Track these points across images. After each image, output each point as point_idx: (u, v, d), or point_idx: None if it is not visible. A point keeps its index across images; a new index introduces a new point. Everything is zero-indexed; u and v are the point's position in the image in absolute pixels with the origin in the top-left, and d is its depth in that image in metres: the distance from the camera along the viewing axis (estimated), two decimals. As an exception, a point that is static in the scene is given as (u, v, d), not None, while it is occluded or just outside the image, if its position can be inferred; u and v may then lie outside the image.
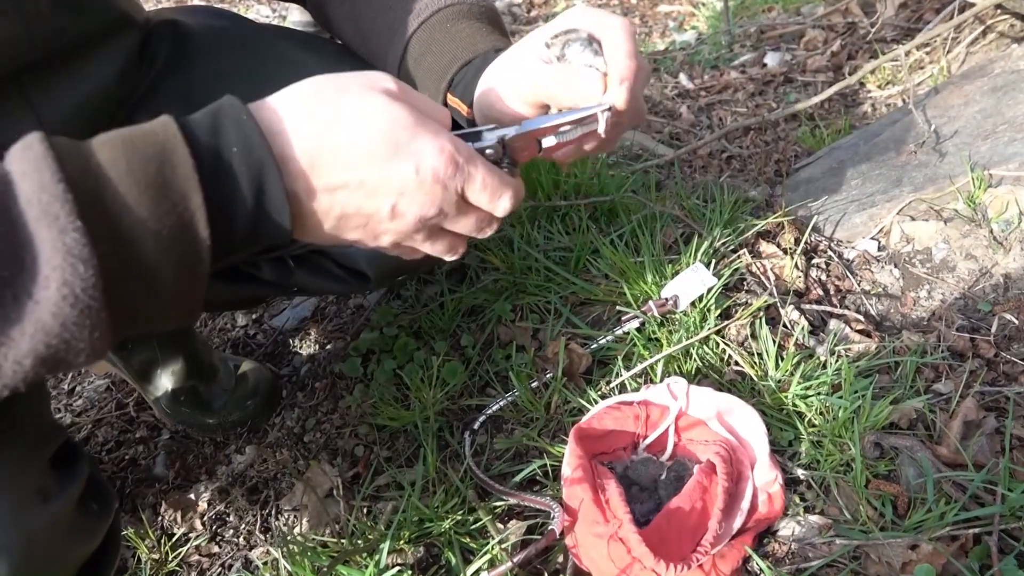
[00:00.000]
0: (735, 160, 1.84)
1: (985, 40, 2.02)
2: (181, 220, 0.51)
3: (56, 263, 0.46)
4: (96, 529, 0.68)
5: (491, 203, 0.64)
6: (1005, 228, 1.23)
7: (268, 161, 0.54)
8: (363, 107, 0.58)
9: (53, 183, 0.47)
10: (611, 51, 0.70)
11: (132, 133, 0.52)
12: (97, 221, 0.48)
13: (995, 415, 0.99)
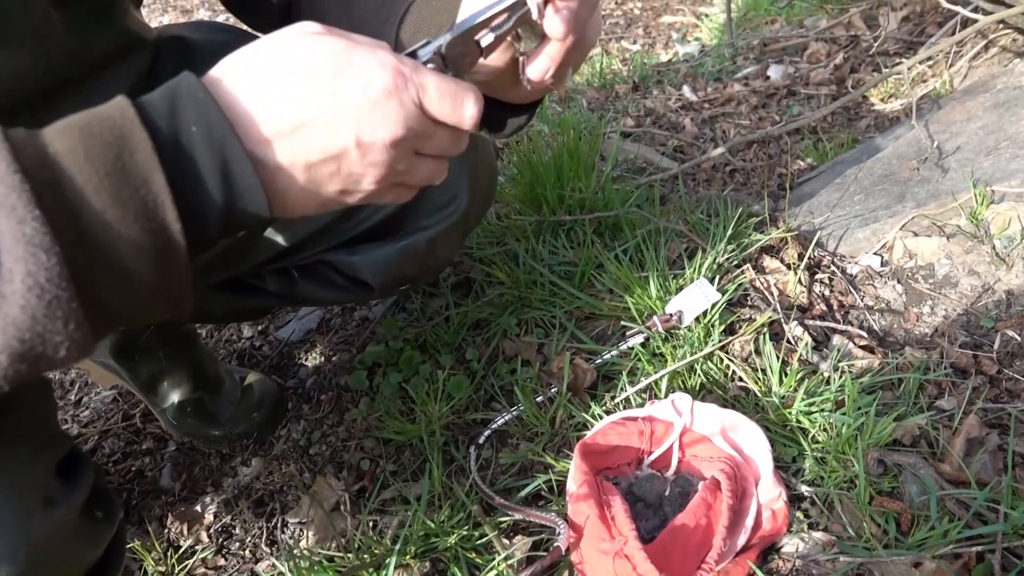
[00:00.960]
0: (738, 173, 1.85)
1: (987, 54, 2.03)
2: (145, 205, 0.50)
3: (18, 254, 0.46)
4: (100, 536, 0.69)
5: (454, 111, 0.60)
6: (1008, 244, 1.24)
7: (229, 136, 0.53)
8: (293, 47, 0.57)
9: (9, 174, 0.46)
10: None
11: (89, 120, 0.51)
12: (57, 211, 0.47)
13: (998, 432, 1.00)
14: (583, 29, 0.68)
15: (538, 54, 0.68)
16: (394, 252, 1.01)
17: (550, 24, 0.64)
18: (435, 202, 0.98)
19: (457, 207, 0.98)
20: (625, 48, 3.45)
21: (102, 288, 0.49)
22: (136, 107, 0.52)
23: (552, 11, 0.63)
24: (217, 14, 4.53)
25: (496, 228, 1.51)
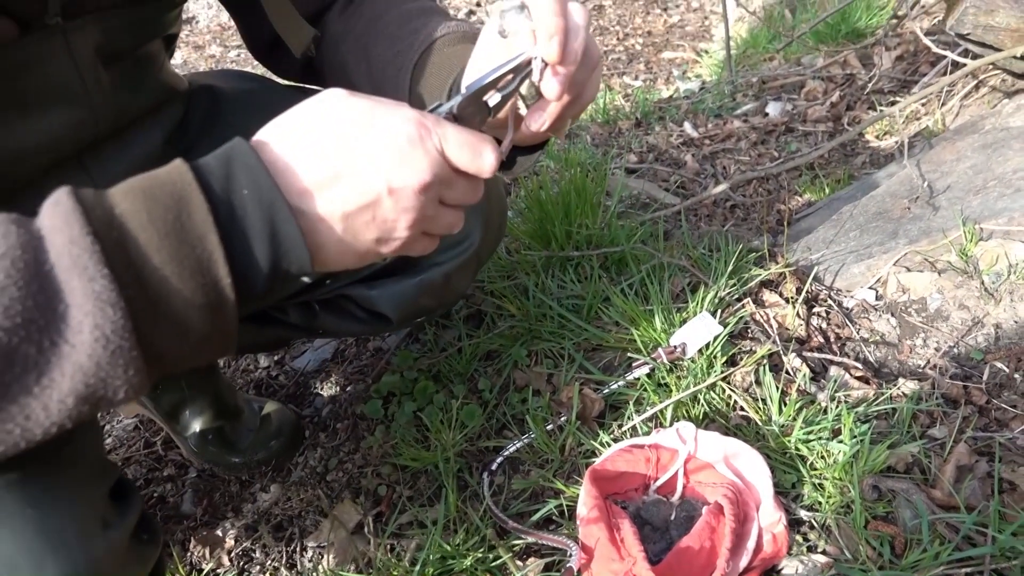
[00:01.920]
0: (739, 209, 1.91)
1: (978, 93, 2.11)
2: (200, 263, 0.55)
3: (87, 309, 0.50)
4: (148, 558, 0.73)
5: (473, 160, 0.64)
6: (996, 280, 1.30)
7: (278, 200, 0.58)
8: (326, 109, 0.62)
9: (81, 236, 0.51)
10: (537, 12, 0.71)
11: (151, 183, 0.56)
12: (122, 268, 0.52)
13: (987, 460, 1.05)
14: (580, 89, 0.75)
15: (536, 108, 0.74)
16: (411, 287, 1.07)
17: (547, 86, 0.70)
18: (450, 239, 1.04)
19: (471, 244, 1.04)
20: (627, 84, 3.54)
21: (159, 337, 0.54)
22: (193, 171, 0.56)
23: (550, 74, 0.70)
24: (228, 49, 4.63)
25: (506, 263, 1.57)
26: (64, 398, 0.51)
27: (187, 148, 1.06)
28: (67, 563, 0.59)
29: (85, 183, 0.91)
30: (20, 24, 0.72)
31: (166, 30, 0.98)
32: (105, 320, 0.51)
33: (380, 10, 1.00)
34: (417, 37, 0.94)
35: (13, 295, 0.49)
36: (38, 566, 0.58)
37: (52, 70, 0.79)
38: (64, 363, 0.51)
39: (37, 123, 0.81)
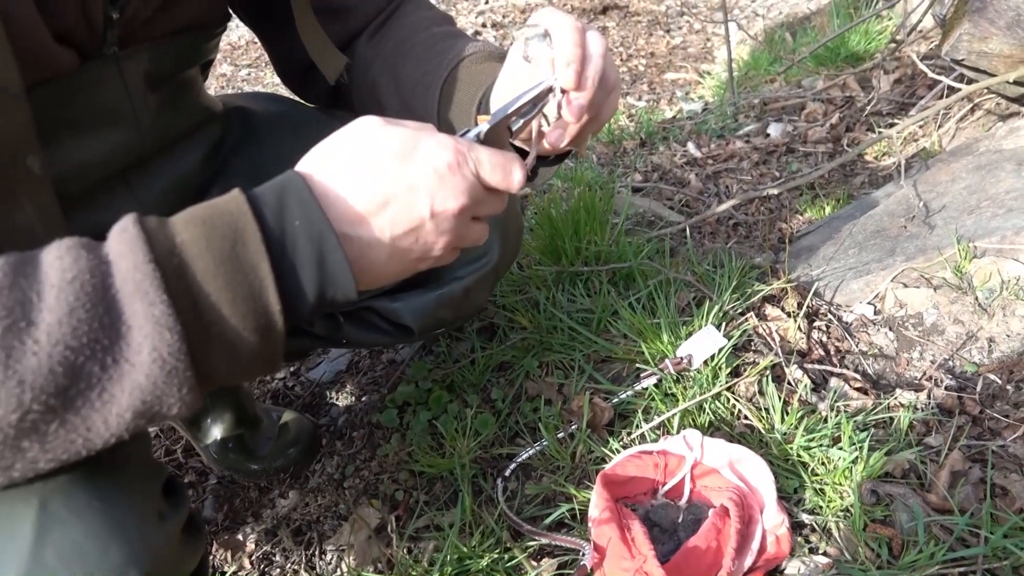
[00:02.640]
0: (742, 227, 1.97)
1: (974, 116, 2.17)
2: (251, 289, 0.58)
3: (147, 332, 0.54)
4: (197, 549, 0.77)
5: (504, 178, 0.70)
6: (989, 296, 1.36)
7: (327, 231, 0.62)
8: (367, 138, 0.67)
9: (144, 263, 0.55)
10: (558, 41, 0.78)
11: (211, 213, 0.60)
12: (181, 294, 0.56)
13: (979, 466, 1.10)
14: (597, 111, 0.81)
15: (557, 127, 0.80)
16: (432, 299, 1.12)
17: (565, 110, 0.77)
18: (469, 255, 1.09)
19: (489, 259, 1.10)
20: (631, 104, 3.61)
21: (211, 357, 0.58)
22: (250, 202, 0.61)
23: (568, 99, 0.76)
24: (239, 68, 4.71)
25: (518, 278, 1.63)
26: (123, 412, 0.56)
27: (221, 166, 1.12)
28: (129, 550, 0.63)
29: (129, 199, 0.97)
30: (80, 54, 0.78)
31: (205, 57, 1.04)
32: (163, 343, 0.55)
33: (407, 34, 1.06)
34: (445, 57, 0.99)
35: (81, 317, 0.53)
36: (104, 552, 0.61)
37: (106, 95, 0.85)
38: (124, 381, 0.55)
39: (90, 144, 0.87)
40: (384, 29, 1.08)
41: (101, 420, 0.55)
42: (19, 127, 0.69)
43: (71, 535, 0.61)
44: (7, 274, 0.54)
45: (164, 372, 0.55)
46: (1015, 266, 1.36)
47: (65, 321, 0.53)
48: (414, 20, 1.08)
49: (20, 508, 0.60)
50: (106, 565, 0.62)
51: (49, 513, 0.61)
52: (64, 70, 0.77)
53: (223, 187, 1.10)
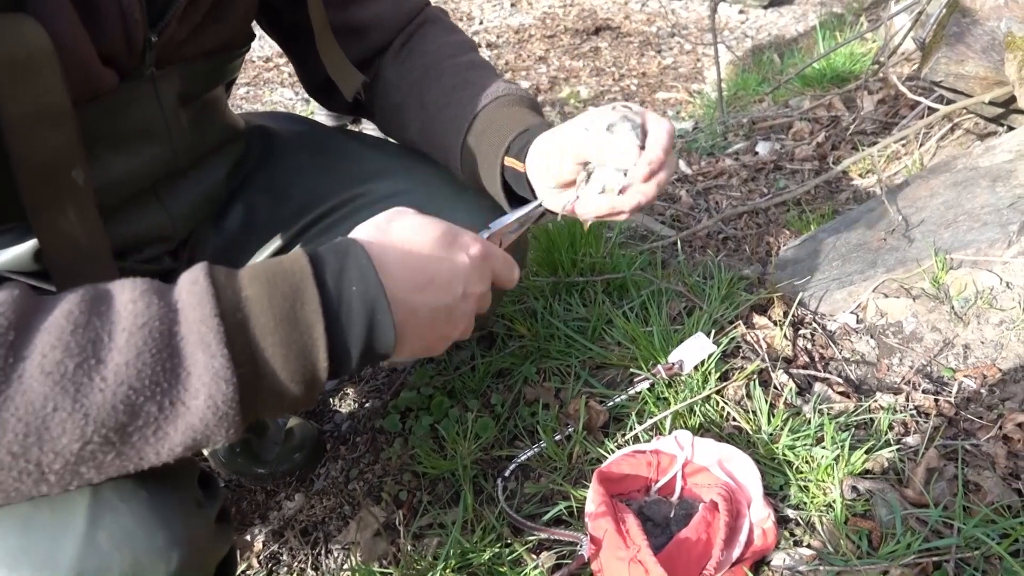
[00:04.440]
0: (730, 240, 2.04)
1: (953, 136, 2.26)
2: (304, 347, 0.63)
3: (205, 380, 0.58)
4: (228, 537, 0.81)
5: (508, 275, 0.84)
6: (964, 305, 1.43)
7: (380, 298, 0.68)
8: (419, 225, 0.76)
9: (210, 316, 0.60)
10: (651, 140, 0.89)
11: (275, 271, 0.65)
12: (240, 348, 0.60)
13: (954, 463, 1.16)
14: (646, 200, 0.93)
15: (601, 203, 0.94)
16: None
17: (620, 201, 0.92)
18: None
19: None
20: (623, 123, 3.68)
21: (258, 404, 0.63)
22: (312, 263, 0.66)
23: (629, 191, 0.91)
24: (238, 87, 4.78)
25: (516, 289, 1.69)
26: (173, 447, 0.60)
27: (243, 182, 1.18)
28: (172, 535, 0.67)
29: (159, 210, 1.03)
30: (120, 74, 0.85)
31: (231, 75, 1.10)
32: (218, 392, 0.59)
33: (434, 59, 1.12)
34: (475, 92, 1.07)
35: (146, 360, 0.57)
36: (151, 536, 0.66)
37: (142, 113, 0.91)
38: (179, 422, 0.59)
39: (127, 159, 0.93)
40: (408, 51, 1.14)
41: (153, 452, 0.60)
42: (66, 142, 0.75)
43: (121, 520, 0.66)
44: (83, 312, 0.58)
45: (216, 417, 0.60)
46: (989, 277, 1.43)
47: (132, 363, 0.57)
48: (441, 46, 1.14)
49: (74, 495, 0.65)
50: (153, 548, 0.66)
51: (101, 500, 0.65)
52: (106, 89, 0.83)
53: (244, 202, 1.17)
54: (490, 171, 1.03)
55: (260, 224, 1.15)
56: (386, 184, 1.14)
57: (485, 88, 1.06)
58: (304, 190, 1.16)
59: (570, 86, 4.36)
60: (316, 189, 1.16)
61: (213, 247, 1.14)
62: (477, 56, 1.15)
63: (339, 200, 1.13)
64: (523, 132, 1.00)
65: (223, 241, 1.15)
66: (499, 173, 1.02)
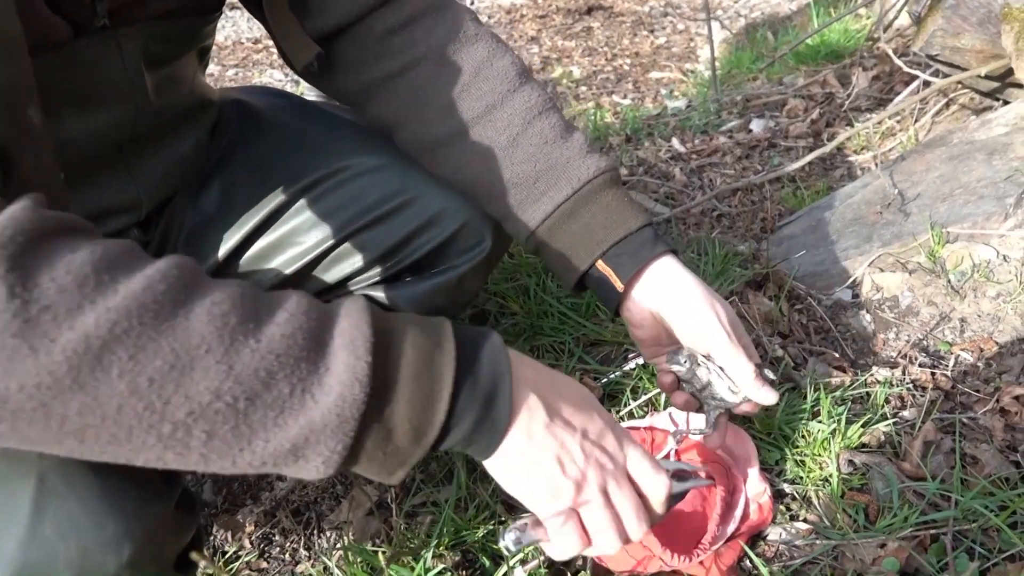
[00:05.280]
0: (725, 218, 2.02)
1: (949, 111, 2.24)
2: (430, 395, 0.62)
3: (343, 379, 0.57)
4: (189, 526, 0.77)
5: (651, 479, 0.74)
6: (961, 278, 1.42)
7: (505, 377, 0.65)
8: (567, 379, 0.74)
9: (364, 326, 0.59)
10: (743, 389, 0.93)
11: (423, 321, 0.65)
12: (380, 366, 0.59)
13: (951, 436, 1.16)
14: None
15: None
16: (428, 287, 1.16)
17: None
18: (464, 245, 1.13)
19: (483, 248, 1.13)
20: (616, 102, 3.66)
21: (369, 435, 0.60)
22: (454, 330, 0.66)
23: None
24: (226, 68, 4.73)
25: (509, 265, 1.67)
26: (280, 447, 0.57)
27: (225, 155, 1.16)
28: (124, 525, 0.65)
29: (124, 179, 1.00)
30: (74, 27, 0.81)
31: (201, 42, 1.07)
32: (350, 394, 0.57)
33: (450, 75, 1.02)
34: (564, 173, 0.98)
35: (298, 341, 0.57)
36: (99, 526, 0.63)
37: (105, 71, 0.88)
38: (301, 415, 0.57)
39: (88, 118, 0.89)
40: (412, 48, 1.04)
41: (261, 442, 0.57)
42: (19, 74, 0.69)
43: (68, 509, 0.63)
44: (251, 289, 0.60)
45: (336, 421, 0.58)
46: (985, 250, 1.42)
47: (285, 338, 0.57)
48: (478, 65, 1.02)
49: (19, 483, 0.63)
50: (102, 539, 0.64)
51: (47, 488, 0.63)
52: (58, 39, 0.79)
53: (222, 178, 1.14)
54: (571, 266, 0.98)
55: (238, 200, 1.12)
56: (369, 158, 1.11)
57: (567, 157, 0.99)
58: (284, 165, 1.13)
59: (562, 66, 4.32)
60: (296, 164, 1.13)
61: (190, 224, 1.12)
62: (506, 59, 1.03)
63: (320, 174, 1.11)
64: (623, 239, 0.96)
65: (200, 218, 1.12)
66: (583, 271, 0.98)
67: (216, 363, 0.54)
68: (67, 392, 0.52)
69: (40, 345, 0.50)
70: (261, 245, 1.13)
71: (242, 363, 0.55)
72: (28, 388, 0.51)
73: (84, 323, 0.51)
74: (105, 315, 0.52)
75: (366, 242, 1.11)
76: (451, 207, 1.09)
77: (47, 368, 0.51)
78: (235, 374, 0.55)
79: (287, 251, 1.13)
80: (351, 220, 1.10)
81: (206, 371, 0.54)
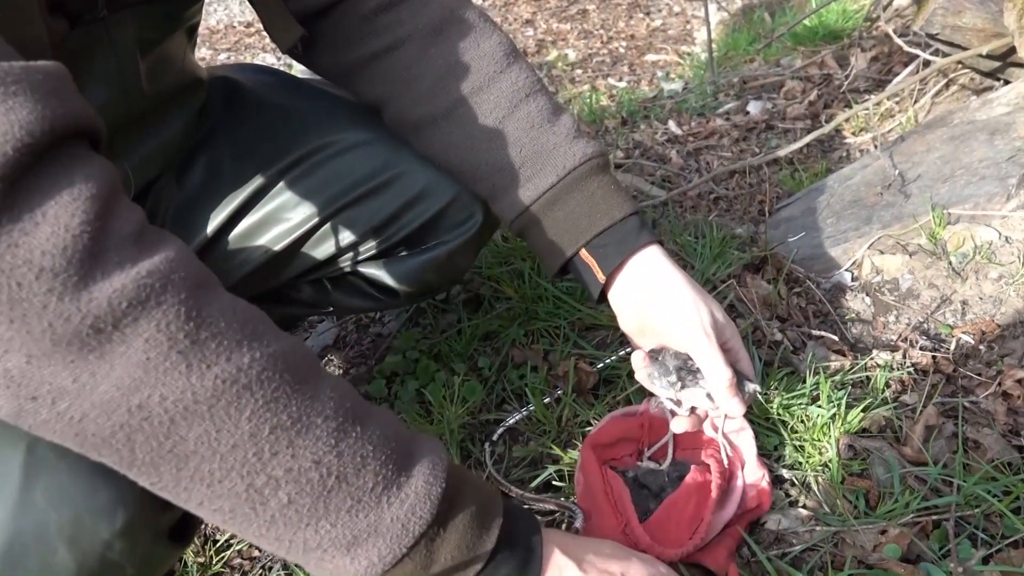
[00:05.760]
0: (722, 201, 2.00)
1: (948, 92, 2.21)
2: (475, 544, 0.69)
3: (420, 492, 0.64)
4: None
5: None
6: (962, 260, 1.39)
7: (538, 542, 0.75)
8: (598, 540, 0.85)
9: (444, 455, 0.69)
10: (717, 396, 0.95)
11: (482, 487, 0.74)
12: (446, 499, 0.66)
13: (952, 421, 1.13)
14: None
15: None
16: (418, 263, 1.14)
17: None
18: (455, 220, 1.11)
19: (474, 224, 1.11)
20: (612, 85, 3.63)
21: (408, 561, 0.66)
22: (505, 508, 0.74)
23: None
24: (218, 52, 4.68)
25: (503, 248, 1.65)
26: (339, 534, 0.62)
27: (206, 136, 1.13)
28: (116, 493, 0.64)
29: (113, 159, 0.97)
30: (72, 20, 0.79)
31: (189, 20, 1.04)
32: (420, 508, 0.64)
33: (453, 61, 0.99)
34: (551, 157, 0.96)
35: (392, 444, 0.64)
36: (91, 494, 0.63)
37: (96, 58, 0.86)
38: (371, 512, 0.62)
39: None
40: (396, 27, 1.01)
41: (328, 525, 0.62)
42: None
43: (59, 478, 0.62)
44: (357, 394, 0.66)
45: (400, 531, 0.63)
46: (987, 231, 1.39)
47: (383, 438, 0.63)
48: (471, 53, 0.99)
49: (7, 452, 0.62)
50: (94, 506, 0.63)
51: (37, 457, 0.62)
52: (55, 39, 0.77)
53: (208, 156, 1.12)
54: (554, 253, 0.99)
55: (224, 178, 1.10)
56: (355, 133, 1.09)
57: (554, 141, 0.97)
58: (270, 141, 1.11)
59: (558, 49, 4.28)
60: (282, 139, 1.11)
61: (176, 203, 1.10)
62: (497, 46, 1.00)
63: (306, 150, 1.08)
64: (606, 229, 0.96)
65: (185, 197, 1.10)
66: (565, 259, 0.98)
67: (328, 435, 0.60)
68: (198, 418, 0.56)
69: (196, 367, 0.55)
70: (248, 222, 1.11)
71: (347, 444, 0.60)
72: (168, 402, 0.55)
73: (240, 359, 0.57)
74: (259, 359, 0.58)
75: (354, 218, 1.10)
76: (440, 182, 1.07)
77: (194, 389, 0.55)
78: (338, 451, 0.60)
79: (274, 228, 1.11)
80: (338, 196, 1.09)
81: (317, 439, 0.59)
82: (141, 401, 0.54)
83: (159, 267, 0.56)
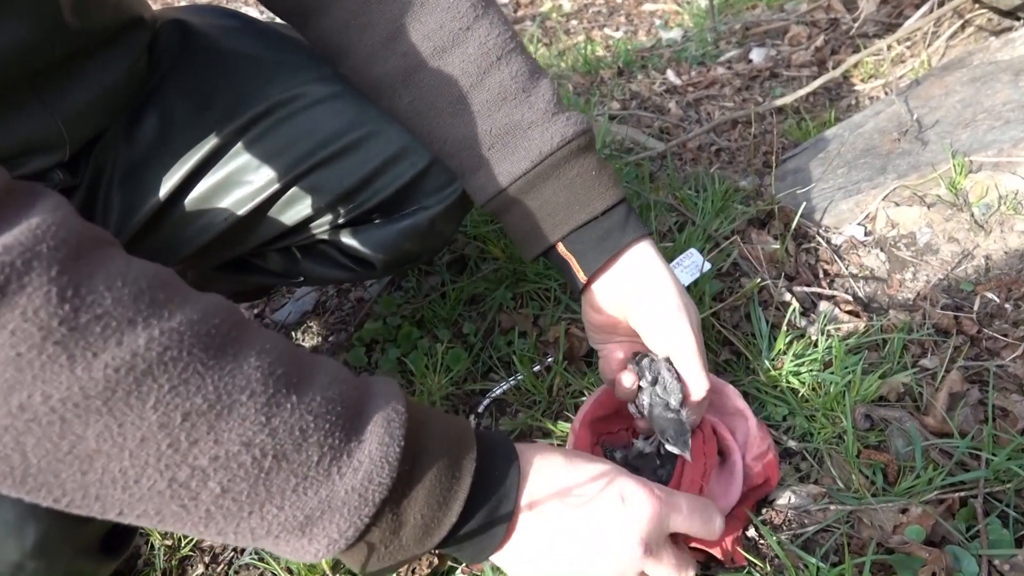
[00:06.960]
0: (724, 152, 1.88)
1: (964, 34, 2.08)
2: (447, 496, 0.62)
3: (374, 457, 0.57)
4: None
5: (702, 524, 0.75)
6: (985, 212, 1.28)
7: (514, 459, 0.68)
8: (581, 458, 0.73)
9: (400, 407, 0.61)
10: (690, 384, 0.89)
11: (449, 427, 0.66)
12: (407, 457, 0.59)
13: (978, 387, 1.04)
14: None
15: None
16: (395, 232, 1.03)
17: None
18: (436, 183, 0.99)
19: (457, 188, 1.00)
20: (608, 35, 3.48)
21: (376, 528, 0.60)
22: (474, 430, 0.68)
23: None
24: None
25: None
26: (289, 517, 0.55)
27: (158, 84, 1.01)
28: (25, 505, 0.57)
29: (40, 112, 0.86)
30: None
31: None
32: (377, 475, 0.57)
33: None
34: (529, 133, 0.86)
35: (338, 408, 0.56)
36: None
37: None
38: (321, 487, 0.55)
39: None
40: None
41: (274, 509, 0.54)
42: None
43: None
44: (297, 349, 0.59)
45: (357, 503, 0.56)
46: (1013, 180, 1.28)
47: (325, 401, 0.56)
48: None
49: None
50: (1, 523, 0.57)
51: None
52: None
53: (159, 108, 1.00)
54: (529, 242, 0.91)
55: (178, 132, 0.98)
56: (323, 86, 0.97)
57: (534, 131, 0.86)
58: (229, 93, 0.99)
59: (552, 1, 4.12)
60: (243, 92, 0.99)
61: (124, 162, 0.98)
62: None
63: (269, 104, 0.97)
64: (587, 223, 0.87)
65: (135, 154, 0.98)
66: (540, 252, 0.91)
67: (255, 412, 0.52)
68: (93, 414, 0.47)
69: (80, 358, 0.46)
70: (207, 185, 0.99)
71: (280, 418, 0.53)
72: (53, 401, 0.46)
73: (134, 342, 0.48)
74: (158, 337, 0.49)
75: (323, 181, 0.98)
76: (417, 141, 0.95)
77: (81, 384, 0.47)
78: (271, 428, 0.53)
79: (235, 191, 0.99)
80: (304, 157, 0.97)
81: (243, 419, 0.52)
82: (22, 402, 0.46)
83: (20, 240, 0.45)
